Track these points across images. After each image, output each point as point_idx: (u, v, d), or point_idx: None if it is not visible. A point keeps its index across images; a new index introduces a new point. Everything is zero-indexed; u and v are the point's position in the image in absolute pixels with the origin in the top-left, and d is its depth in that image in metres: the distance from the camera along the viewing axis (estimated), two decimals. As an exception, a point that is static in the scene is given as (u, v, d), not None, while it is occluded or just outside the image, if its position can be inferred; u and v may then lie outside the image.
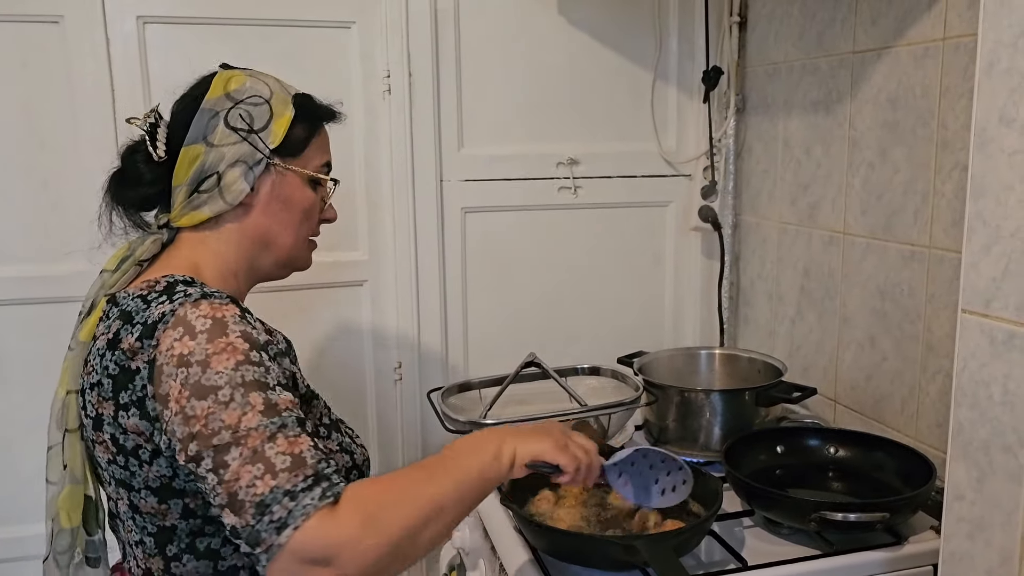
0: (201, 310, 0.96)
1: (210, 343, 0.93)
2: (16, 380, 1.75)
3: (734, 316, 2.08)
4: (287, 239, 1.14)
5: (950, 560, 0.89)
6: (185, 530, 1.02)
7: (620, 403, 1.54)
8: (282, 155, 1.11)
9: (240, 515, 0.87)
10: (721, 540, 1.27)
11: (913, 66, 1.46)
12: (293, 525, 0.85)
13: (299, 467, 0.88)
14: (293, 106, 1.13)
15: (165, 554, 1.03)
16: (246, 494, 0.87)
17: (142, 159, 1.10)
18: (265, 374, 0.95)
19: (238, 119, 1.08)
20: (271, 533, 0.85)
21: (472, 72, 1.90)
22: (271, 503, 0.86)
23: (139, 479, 1.00)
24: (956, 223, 1.39)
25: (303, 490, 0.87)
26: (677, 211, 2.08)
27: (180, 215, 1.10)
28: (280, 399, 0.93)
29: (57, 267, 1.73)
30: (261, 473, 0.87)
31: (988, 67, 0.80)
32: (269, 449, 0.88)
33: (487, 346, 2.00)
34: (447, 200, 1.92)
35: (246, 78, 1.12)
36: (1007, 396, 0.80)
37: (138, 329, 0.97)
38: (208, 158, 1.07)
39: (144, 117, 1.10)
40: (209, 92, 1.10)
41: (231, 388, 0.91)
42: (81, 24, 1.65)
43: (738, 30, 1.96)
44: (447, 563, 1.66)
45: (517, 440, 1.01)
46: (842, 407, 1.71)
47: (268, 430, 0.90)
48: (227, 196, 1.08)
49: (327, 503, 0.86)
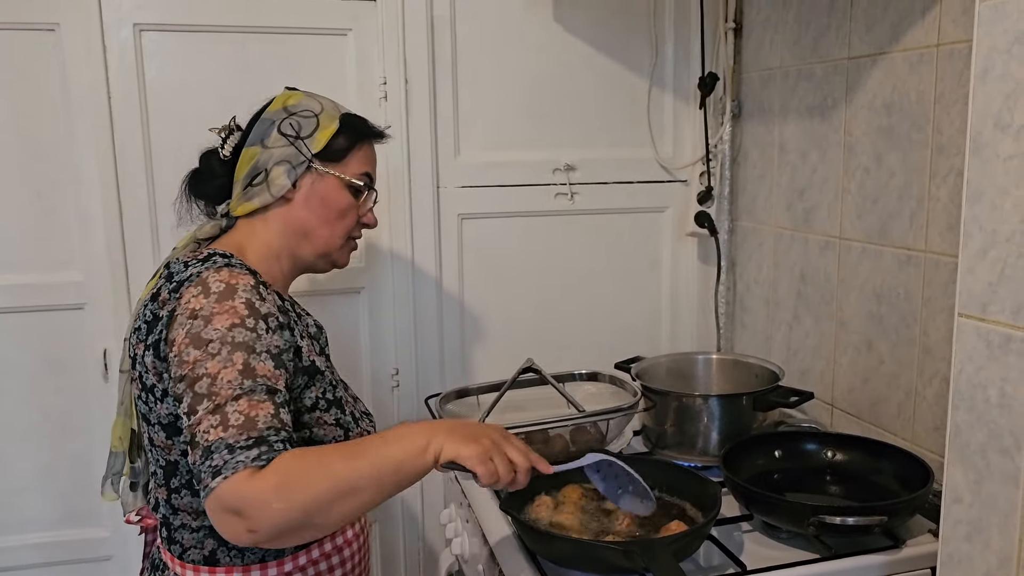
0: (220, 276, 1.13)
1: (217, 303, 1.09)
2: (9, 389, 1.74)
3: (731, 321, 2.09)
4: (323, 232, 1.29)
5: (948, 562, 0.89)
6: (185, 467, 1.16)
7: (618, 408, 1.54)
8: (323, 159, 1.28)
9: (193, 453, 1.01)
10: (720, 544, 1.27)
11: (908, 72, 1.47)
12: (224, 475, 0.97)
13: (248, 428, 1.00)
14: (339, 122, 1.29)
15: (169, 486, 1.19)
16: (201, 438, 1.01)
17: (215, 159, 1.31)
18: (255, 340, 1.08)
19: (288, 127, 1.27)
20: (208, 476, 0.98)
21: (468, 79, 1.90)
22: (214, 451, 0.99)
23: (154, 414, 1.15)
24: (952, 227, 1.40)
25: (242, 448, 0.98)
26: (673, 217, 2.08)
27: (237, 205, 1.28)
28: (259, 365, 1.06)
29: (51, 275, 1.73)
30: (216, 424, 1.00)
31: (983, 73, 0.80)
32: (230, 406, 1.02)
33: (484, 352, 2.01)
34: (444, 206, 1.92)
35: (304, 97, 1.31)
36: (1004, 399, 0.81)
37: (173, 285, 1.15)
38: (261, 158, 1.26)
39: (223, 127, 1.31)
40: (271, 106, 1.30)
41: (221, 344, 1.06)
42: (77, 32, 1.65)
43: (733, 36, 1.97)
44: (445, 570, 1.66)
45: (447, 438, 1.04)
46: (839, 411, 1.71)
47: (236, 390, 1.03)
48: (272, 189, 1.26)
49: (256, 465, 0.97)
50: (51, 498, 1.79)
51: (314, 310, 1.88)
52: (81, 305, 1.73)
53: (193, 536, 1.19)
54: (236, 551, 1.18)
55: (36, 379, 1.75)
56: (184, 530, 1.19)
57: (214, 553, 1.18)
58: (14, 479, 1.77)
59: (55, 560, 1.78)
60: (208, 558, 1.19)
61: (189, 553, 1.19)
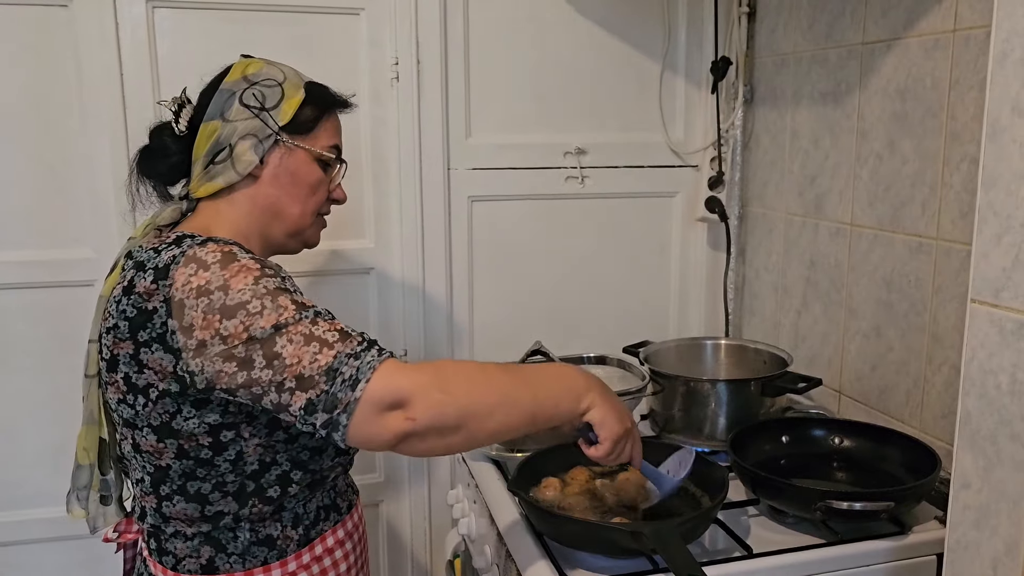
0: (208, 248, 1.05)
1: (224, 269, 1.01)
2: (21, 365, 1.76)
3: (740, 307, 2.09)
4: (294, 210, 1.21)
5: (956, 548, 0.90)
6: (178, 471, 1.09)
7: (626, 392, 1.55)
8: (290, 132, 1.19)
9: (314, 387, 0.95)
10: (727, 528, 1.27)
11: (923, 57, 1.46)
12: (364, 379, 0.94)
13: (348, 337, 0.98)
14: (304, 90, 1.21)
15: (158, 493, 1.11)
16: (311, 369, 0.95)
17: (168, 134, 1.20)
18: (283, 283, 1.04)
19: (252, 98, 1.17)
20: (346, 391, 0.94)
21: (480, 61, 1.90)
22: (339, 367, 0.95)
23: (143, 417, 1.07)
24: (964, 215, 1.39)
25: (363, 350, 0.97)
26: (684, 201, 2.08)
27: (198, 185, 1.18)
28: (306, 300, 1.02)
29: (63, 252, 1.73)
30: (319, 348, 0.96)
31: (1002, 57, 0.80)
32: (316, 329, 0.98)
33: (493, 334, 2.01)
34: (454, 188, 1.92)
35: (263, 64, 1.22)
36: (1015, 385, 0.80)
37: (151, 273, 1.04)
38: (223, 132, 1.16)
39: (173, 99, 1.20)
40: (228, 75, 1.20)
41: (258, 299, 0.99)
42: (90, 8, 1.65)
43: (747, 21, 1.95)
44: (452, 549, 1.66)
45: (602, 400, 1.05)
46: (847, 398, 1.71)
47: (307, 317, 0.99)
48: (238, 166, 1.16)
49: (387, 357, 0.96)
50: (62, 474, 1.79)
51: (323, 290, 1.90)
52: (92, 282, 1.74)
53: (188, 544, 1.13)
54: (236, 555, 1.13)
55: (47, 356, 1.76)
56: (177, 539, 1.13)
57: (212, 561, 1.13)
58: (25, 455, 1.78)
59: (65, 535, 1.80)
60: (206, 566, 1.13)
61: (184, 563, 1.13)
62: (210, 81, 1.21)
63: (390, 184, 1.88)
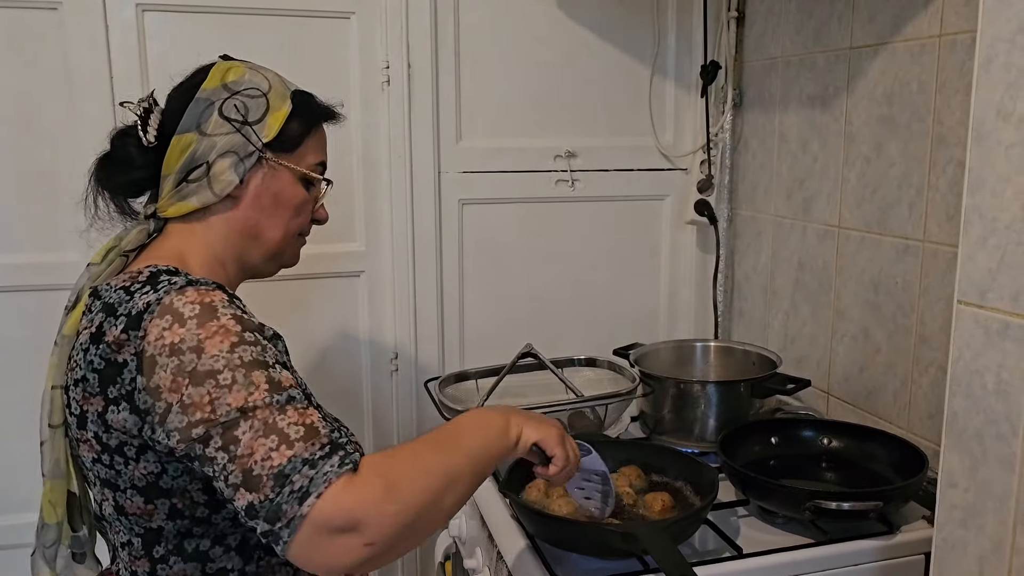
0: (188, 296, 0.93)
1: (201, 328, 0.90)
2: (10, 368, 1.75)
3: (729, 309, 2.10)
4: (275, 234, 1.11)
5: (943, 547, 0.90)
6: (172, 531, 0.99)
7: (616, 394, 1.55)
8: (275, 150, 1.08)
9: (258, 490, 0.83)
10: (716, 529, 1.28)
11: (910, 62, 1.47)
12: (315, 493, 0.81)
13: (313, 436, 0.86)
14: (291, 102, 1.10)
15: (152, 556, 1.00)
16: (262, 468, 0.83)
17: (132, 143, 1.07)
18: (263, 353, 0.92)
19: (233, 109, 1.06)
20: (292, 504, 0.82)
21: (471, 64, 1.90)
22: (290, 473, 0.83)
23: (125, 478, 0.97)
24: (951, 217, 1.41)
25: (321, 458, 0.84)
26: (673, 205, 2.09)
27: (168, 205, 1.07)
28: (282, 377, 0.91)
29: (52, 255, 1.72)
30: (276, 444, 0.84)
31: (986, 62, 0.81)
32: (280, 421, 0.86)
33: (483, 337, 2.01)
34: (445, 192, 1.92)
35: (245, 70, 1.10)
36: (1001, 385, 0.81)
37: (122, 321, 0.93)
38: (199, 147, 1.04)
39: (139, 102, 1.07)
40: (206, 81, 1.07)
41: (230, 371, 0.88)
42: (79, 11, 1.65)
43: (736, 25, 1.97)
44: (442, 552, 1.66)
45: (522, 421, 1.02)
46: (835, 399, 1.72)
47: (277, 403, 0.87)
48: (215, 187, 1.05)
49: (347, 470, 0.84)
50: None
51: (312, 294, 1.90)
52: (81, 286, 1.73)
53: None
54: None
55: (36, 359, 1.74)
56: None
57: None
58: (17, 458, 1.77)
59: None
60: None
61: None
62: (182, 83, 1.10)
63: (380, 188, 1.88)
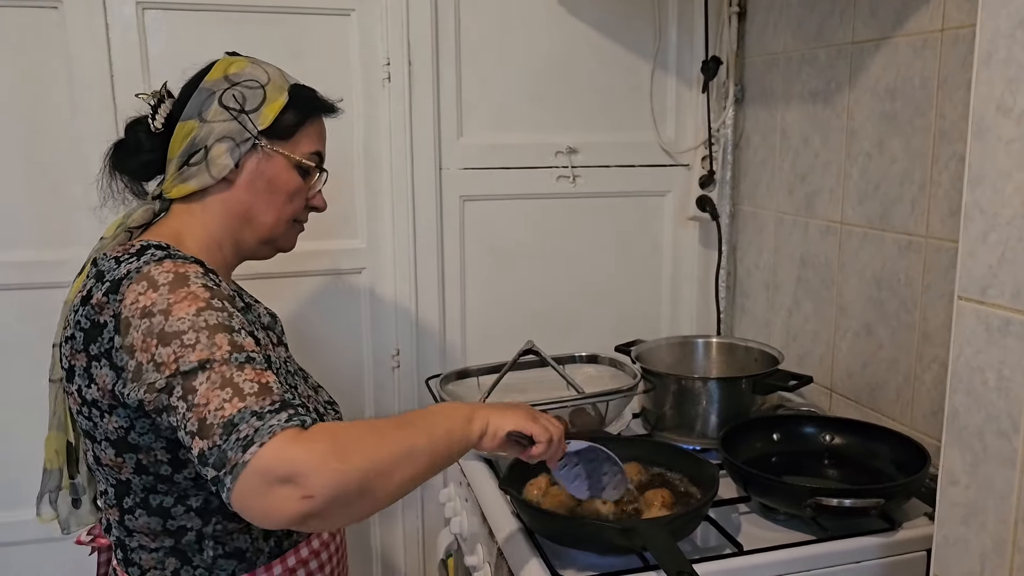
0: (164, 267, 1.01)
1: (172, 294, 0.97)
2: (15, 365, 1.75)
3: (731, 305, 2.09)
4: (268, 218, 1.17)
5: (944, 544, 0.90)
6: (139, 485, 1.06)
7: (618, 391, 1.55)
8: (270, 137, 1.15)
9: (208, 438, 0.88)
10: (717, 525, 1.28)
11: (912, 57, 1.47)
12: (259, 443, 0.85)
13: (266, 393, 0.91)
14: (288, 94, 1.17)
15: (121, 506, 1.08)
16: (214, 417, 0.89)
17: (142, 130, 1.16)
18: (229, 319, 0.98)
19: (231, 99, 1.13)
20: (236, 451, 0.86)
21: (472, 61, 1.90)
22: (238, 423, 0.87)
23: (100, 430, 1.04)
24: (953, 213, 1.40)
25: (270, 412, 0.89)
26: (675, 201, 2.08)
27: (171, 186, 1.15)
28: (245, 342, 0.96)
29: (56, 252, 1.73)
30: (229, 396, 0.90)
31: (986, 57, 0.80)
32: (237, 376, 0.92)
33: (485, 334, 2.01)
34: (446, 188, 1.92)
35: (248, 64, 1.17)
36: (1002, 382, 0.81)
37: (106, 286, 1.02)
38: (200, 133, 1.12)
39: (152, 93, 1.16)
40: (210, 74, 1.16)
41: (195, 332, 0.94)
42: (80, 10, 1.65)
43: (737, 20, 1.96)
44: (444, 548, 1.67)
45: (490, 413, 1.04)
46: (838, 395, 1.72)
47: (236, 361, 0.93)
48: (212, 170, 1.12)
49: (293, 425, 0.88)
50: (54, 475, 1.80)
51: (314, 291, 1.90)
52: (84, 283, 1.74)
53: (152, 556, 1.09)
54: (203, 568, 1.09)
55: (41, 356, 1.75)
56: (142, 551, 1.09)
57: (178, 572, 1.09)
58: (20, 455, 1.77)
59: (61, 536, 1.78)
60: None
61: (150, 574, 1.10)
62: (192, 77, 1.17)
63: (382, 184, 1.88)
